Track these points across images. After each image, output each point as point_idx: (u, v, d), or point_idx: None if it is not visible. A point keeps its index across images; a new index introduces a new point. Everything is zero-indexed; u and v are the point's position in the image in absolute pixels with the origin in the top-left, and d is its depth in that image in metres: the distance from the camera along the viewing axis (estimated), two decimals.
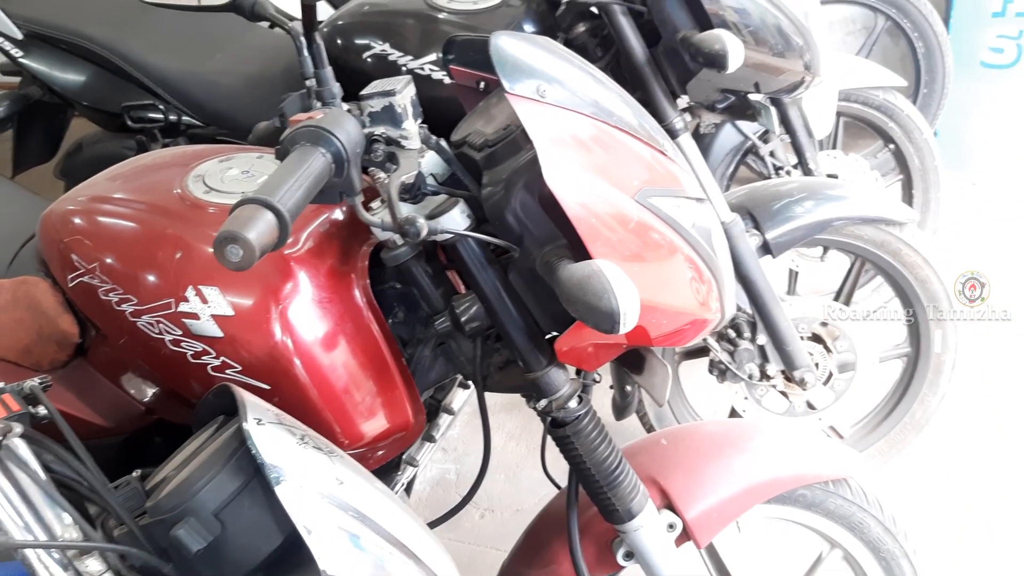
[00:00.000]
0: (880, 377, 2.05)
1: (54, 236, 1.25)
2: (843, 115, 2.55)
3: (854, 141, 3.14)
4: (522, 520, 2.27)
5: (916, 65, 3.03)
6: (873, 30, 3.10)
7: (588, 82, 1.10)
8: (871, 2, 2.97)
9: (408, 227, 0.91)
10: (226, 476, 0.80)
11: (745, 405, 1.99)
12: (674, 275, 1.09)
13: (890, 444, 2.10)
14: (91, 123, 2.39)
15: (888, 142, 2.58)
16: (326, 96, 1.04)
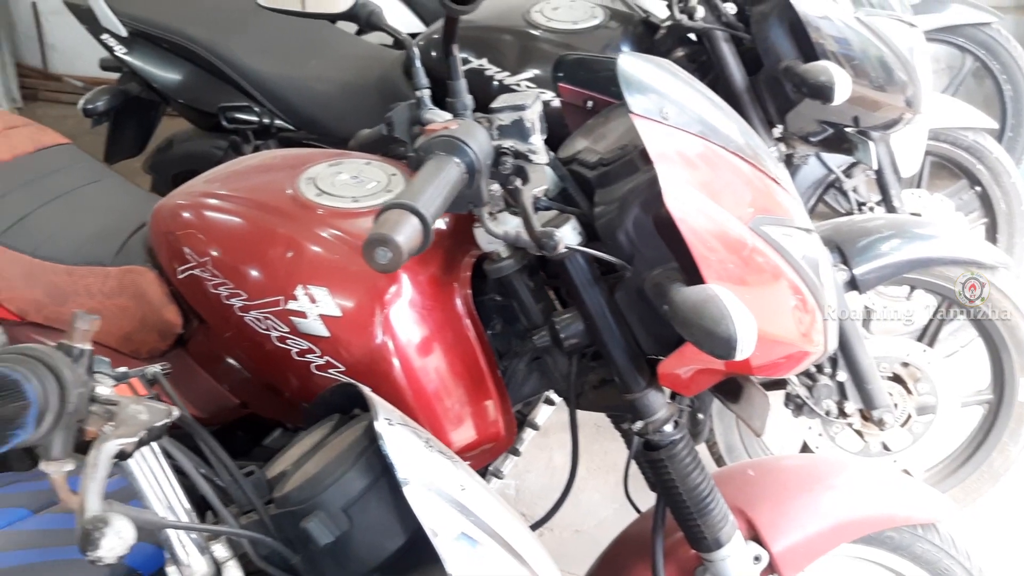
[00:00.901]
0: (960, 422, 2.00)
1: (165, 229, 1.28)
2: (931, 154, 2.52)
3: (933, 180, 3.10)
4: (581, 541, 2.28)
5: (1002, 107, 2.99)
6: (960, 70, 3.06)
7: (708, 107, 1.10)
8: (960, 42, 2.94)
9: (546, 240, 0.92)
10: (356, 473, 0.81)
11: (818, 441, 1.97)
12: (780, 304, 1.08)
13: (965, 492, 2.05)
14: (181, 122, 2.45)
15: (975, 184, 2.54)
16: (458, 108, 1.06)
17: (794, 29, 1.58)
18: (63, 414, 0.62)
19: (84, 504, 0.59)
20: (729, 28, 1.63)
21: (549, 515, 1.31)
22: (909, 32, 1.67)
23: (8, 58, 4.80)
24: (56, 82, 4.91)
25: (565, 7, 1.86)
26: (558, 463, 2.51)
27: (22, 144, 1.59)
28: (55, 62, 4.94)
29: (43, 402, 0.60)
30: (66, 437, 0.64)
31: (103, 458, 0.62)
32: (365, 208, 1.20)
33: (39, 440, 0.62)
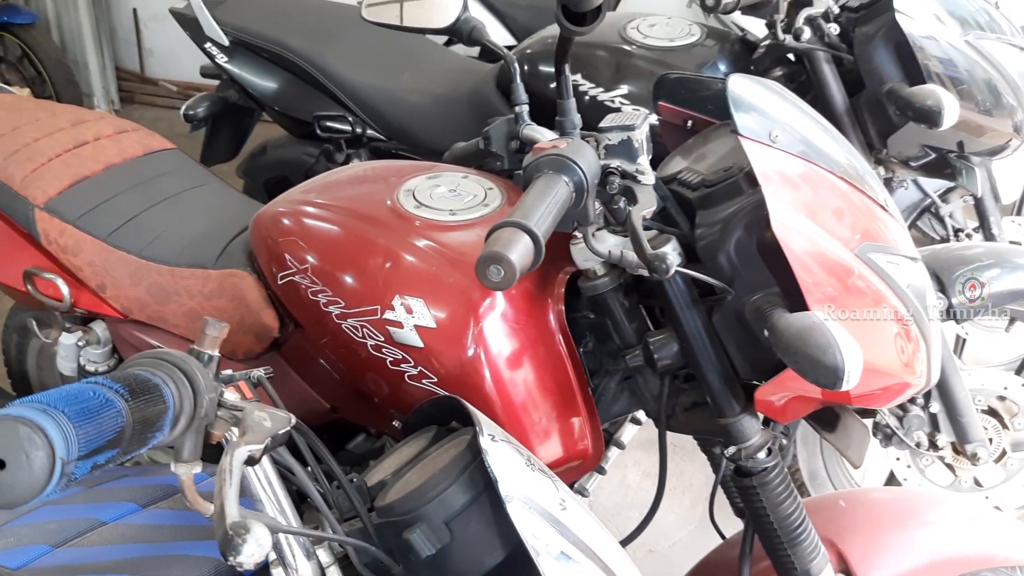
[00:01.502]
0: None
1: (266, 235, 1.31)
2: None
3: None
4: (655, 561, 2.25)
5: None
6: None
7: (817, 131, 1.09)
8: None
9: (658, 263, 0.92)
10: (459, 487, 0.81)
11: (907, 473, 1.91)
12: (884, 334, 1.05)
13: None
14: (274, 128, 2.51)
15: None
16: (567, 126, 1.06)
17: (899, 50, 1.54)
18: (195, 418, 0.64)
19: (224, 510, 0.60)
20: (831, 49, 1.60)
21: (634, 535, 1.30)
22: (1020, 56, 1.61)
23: (108, 62, 5.00)
24: (152, 86, 5.09)
25: (661, 24, 1.86)
26: (631, 481, 2.49)
27: (132, 148, 1.65)
28: (151, 66, 5.12)
29: (178, 406, 0.62)
30: (196, 440, 0.65)
31: (236, 464, 0.63)
32: (462, 221, 1.22)
33: (172, 442, 0.64)
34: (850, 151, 1.13)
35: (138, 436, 0.58)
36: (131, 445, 0.57)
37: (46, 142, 1.58)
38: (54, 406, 0.53)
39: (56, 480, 0.51)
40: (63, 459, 0.52)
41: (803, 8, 1.51)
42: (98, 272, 1.47)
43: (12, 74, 4.23)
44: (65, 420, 0.53)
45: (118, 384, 0.58)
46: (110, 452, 0.55)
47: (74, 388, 0.57)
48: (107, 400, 0.56)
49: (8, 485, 0.51)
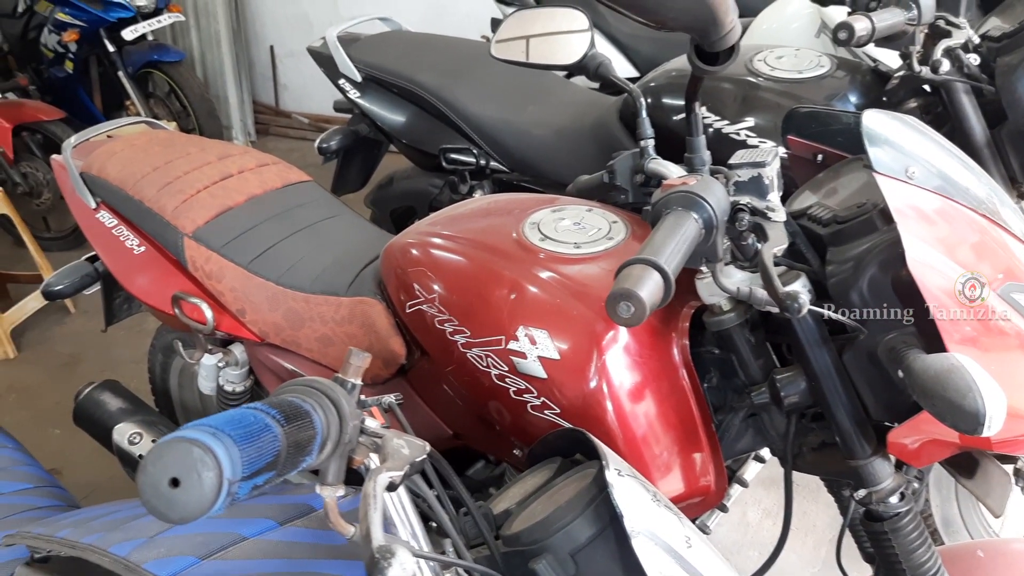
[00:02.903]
0: None
1: (396, 265, 1.36)
2: None
3: None
4: None
5: None
6: None
7: (956, 166, 1.05)
8: None
9: (791, 303, 0.91)
10: (585, 520, 0.82)
11: None
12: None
13: None
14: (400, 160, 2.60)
15: None
16: (696, 163, 1.06)
17: None
18: (340, 443, 0.68)
19: (370, 534, 0.63)
20: (971, 80, 1.55)
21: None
22: None
23: (247, 96, 5.27)
24: (286, 118, 5.35)
25: (789, 56, 1.83)
26: (752, 519, 2.43)
27: (272, 180, 1.74)
28: (286, 100, 5.38)
29: (326, 431, 0.66)
30: (340, 464, 0.69)
31: (379, 489, 0.66)
32: (586, 254, 1.23)
33: (319, 465, 0.67)
34: (992, 187, 1.09)
35: (291, 460, 0.61)
36: (285, 468, 0.61)
37: (195, 175, 1.68)
38: (222, 430, 0.57)
39: (223, 499, 0.55)
40: (229, 479, 0.56)
41: (941, 39, 1.47)
42: (239, 297, 1.56)
43: (160, 108, 4.51)
44: (231, 443, 0.57)
45: (275, 410, 0.62)
46: (268, 474, 0.59)
47: (237, 413, 0.61)
48: (266, 425, 0.60)
49: (182, 502, 0.56)
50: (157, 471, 0.56)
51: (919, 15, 1.43)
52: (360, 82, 2.36)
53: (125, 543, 0.84)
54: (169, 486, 0.56)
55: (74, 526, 0.93)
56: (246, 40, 5.27)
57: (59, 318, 3.39)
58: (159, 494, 0.56)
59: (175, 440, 0.57)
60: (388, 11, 4.18)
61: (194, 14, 5.00)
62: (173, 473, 0.56)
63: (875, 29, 1.38)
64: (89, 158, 1.77)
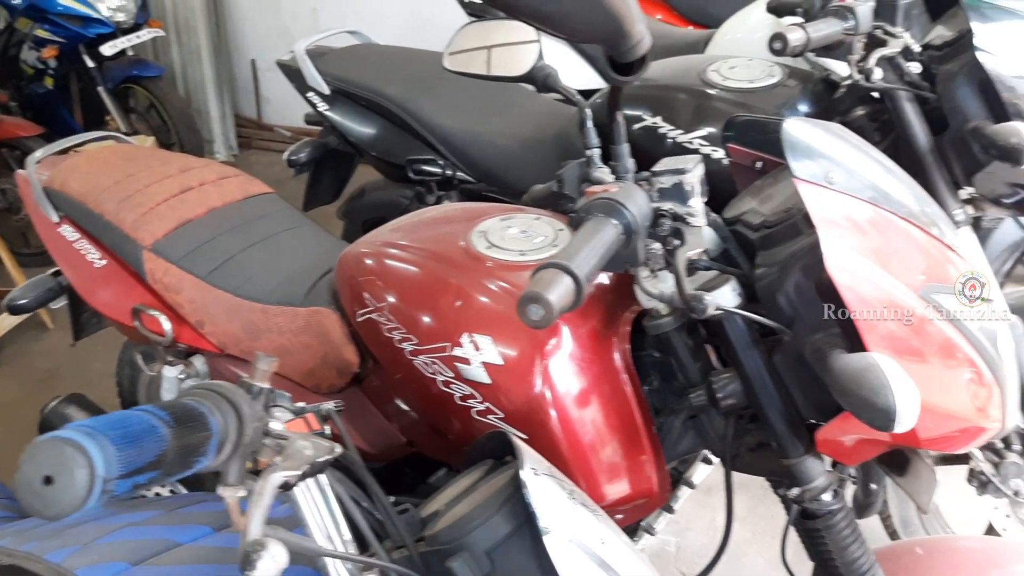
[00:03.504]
0: None
1: (349, 274, 1.38)
2: None
3: None
4: None
5: None
6: None
7: (878, 171, 1.08)
8: None
9: (695, 303, 0.94)
10: (501, 519, 0.85)
11: (1006, 523, 1.83)
12: (952, 376, 1.04)
13: None
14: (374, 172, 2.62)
15: None
16: (620, 171, 1.09)
17: (983, 89, 1.51)
18: (240, 445, 0.70)
19: (247, 528, 0.66)
20: (913, 88, 1.58)
21: None
22: None
23: (228, 110, 5.30)
24: (268, 131, 5.37)
25: (742, 66, 1.86)
26: (720, 524, 2.44)
27: (233, 192, 1.76)
28: (268, 113, 5.41)
29: (223, 433, 0.68)
30: (241, 466, 0.71)
31: (268, 487, 0.69)
32: (531, 261, 1.25)
33: (218, 467, 0.70)
34: (918, 193, 1.12)
35: (180, 460, 0.64)
36: (173, 468, 0.64)
37: (156, 188, 1.71)
38: (100, 430, 0.60)
39: (96, 496, 0.58)
40: (103, 477, 0.59)
41: (878, 48, 1.50)
42: (198, 309, 1.58)
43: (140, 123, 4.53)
44: (107, 442, 0.59)
45: (164, 412, 0.65)
46: (151, 473, 0.62)
47: (123, 414, 0.64)
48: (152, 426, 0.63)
49: (55, 498, 0.59)
50: (31, 469, 0.59)
51: (856, 25, 1.46)
52: (328, 95, 2.39)
53: (60, 550, 0.87)
54: (42, 484, 0.59)
55: (16, 535, 0.96)
56: (227, 54, 5.30)
57: (36, 334, 3.41)
58: (33, 491, 0.59)
59: (49, 439, 0.60)
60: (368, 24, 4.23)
61: (175, 29, 5.03)
62: (46, 471, 0.59)
63: (810, 39, 1.42)
64: (52, 172, 1.79)
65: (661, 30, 2.90)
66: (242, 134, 5.44)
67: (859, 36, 1.49)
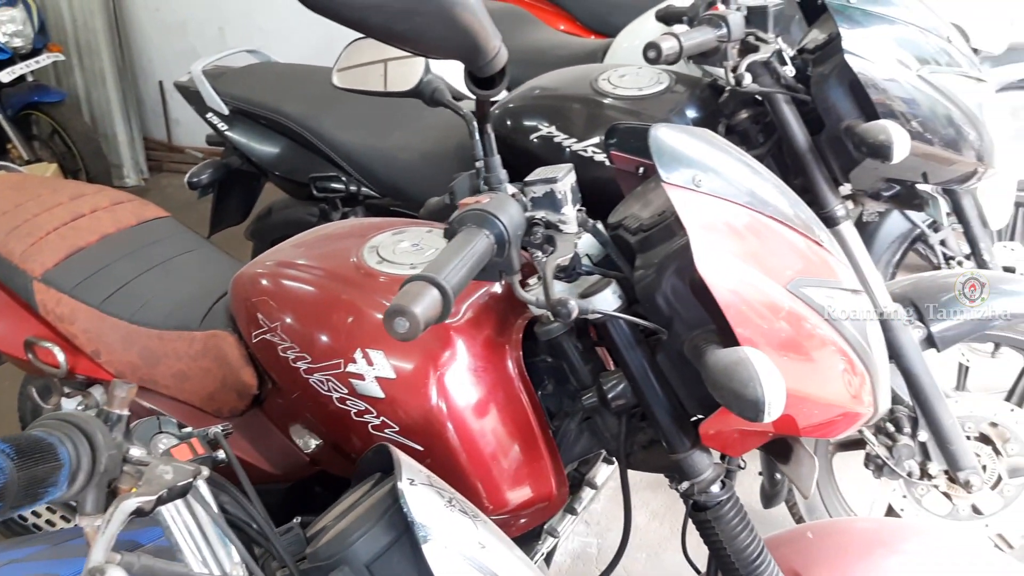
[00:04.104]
0: None
1: (243, 296, 1.38)
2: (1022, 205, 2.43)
3: None
4: None
5: None
6: None
7: (744, 172, 1.13)
8: None
9: (560, 308, 0.96)
10: (379, 530, 0.86)
11: (903, 504, 1.90)
12: (825, 366, 1.08)
13: None
14: (280, 191, 2.61)
15: None
16: (493, 181, 1.11)
17: (853, 89, 1.58)
18: (95, 474, 0.70)
19: (89, 555, 0.66)
20: (789, 90, 1.64)
21: None
22: (977, 87, 1.64)
23: (137, 133, 5.20)
24: (179, 154, 5.27)
25: (632, 74, 1.91)
26: (640, 523, 2.49)
27: (126, 218, 1.74)
28: (178, 135, 5.31)
29: (75, 463, 0.68)
30: (98, 495, 0.71)
31: (118, 514, 0.69)
32: None
33: (73, 497, 0.69)
34: (786, 192, 1.17)
35: (26, 492, 0.63)
36: (18, 500, 0.63)
37: (46, 217, 1.67)
38: None
39: None
40: None
41: (750, 54, 1.56)
42: (92, 339, 1.55)
43: (44, 150, 4.42)
44: None
45: (6, 444, 0.65)
46: None
47: None
48: None
49: None
50: None
51: (728, 32, 1.52)
52: (228, 115, 2.37)
53: None
54: None
55: None
56: (133, 77, 5.20)
57: None
58: None
59: None
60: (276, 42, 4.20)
61: (77, 52, 4.92)
62: None
63: (683, 48, 1.47)
64: None
65: (562, 41, 2.95)
66: (152, 157, 5.33)
67: (732, 43, 1.54)
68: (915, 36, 1.64)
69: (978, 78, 1.64)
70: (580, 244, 1.15)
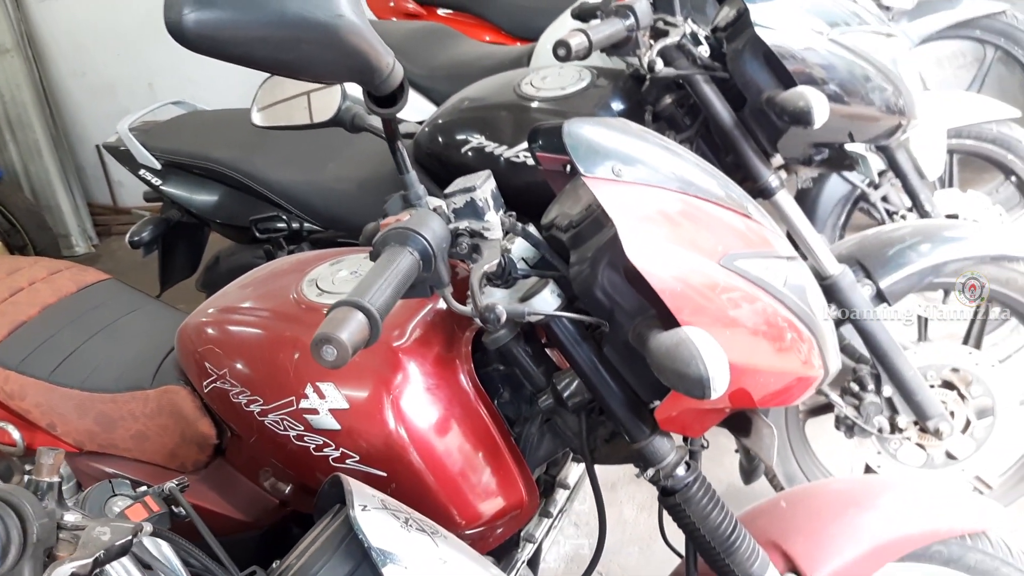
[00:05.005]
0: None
1: (189, 347, 1.36)
2: (957, 152, 2.48)
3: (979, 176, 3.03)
4: None
5: None
6: (983, 62, 3.01)
7: (664, 156, 1.13)
8: (977, 34, 2.89)
9: (488, 314, 0.96)
10: (337, 561, 0.85)
11: (879, 460, 1.92)
12: (770, 335, 1.09)
13: None
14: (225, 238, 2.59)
15: (1009, 174, 2.48)
16: (412, 198, 1.11)
17: (769, 60, 1.60)
18: (27, 545, 0.68)
19: None
20: (707, 70, 1.66)
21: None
22: (888, 43, 1.67)
23: (80, 200, 5.13)
24: (126, 215, 5.21)
25: (553, 75, 1.92)
26: (628, 516, 2.49)
27: (65, 286, 1.71)
28: (123, 197, 5.25)
29: (3, 537, 0.67)
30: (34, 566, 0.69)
31: None
32: None
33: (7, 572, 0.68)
34: (707, 169, 1.17)
35: None
36: None
37: None
38: None
39: None
40: None
41: (660, 39, 1.57)
42: (45, 412, 1.52)
43: None
44: None
45: None
46: None
47: None
48: None
49: None
50: None
51: (636, 21, 1.53)
52: (160, 169, 2.35)
53: None
54: None
55: None
56: (69, 145, 5.13)
57: None
58: None
59: None
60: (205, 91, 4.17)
61: (8, 128, 4.85)
62: None
63: (592, 42, 1.48)
64: None
65: (488, 51, 2.96)
66: (99, 222, 5.27)
67: (641, 31, 1.56)
68: (822, 1, 1.66)
69: (888, 34, 1.67)
70: (514, 249, 1.15)
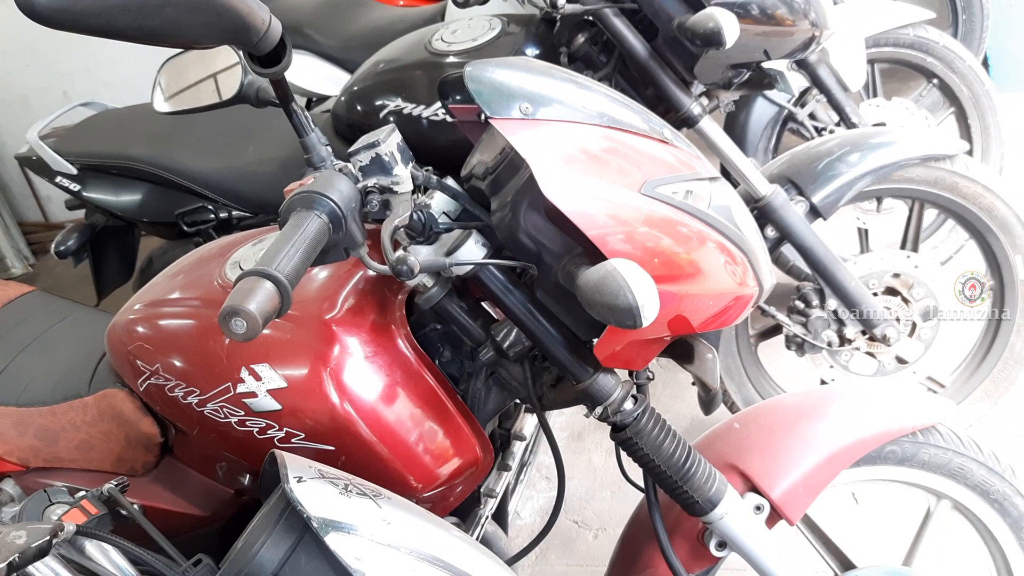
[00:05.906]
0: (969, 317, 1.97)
1: (120, 347, 1.32)
2: (877, 61, 2.49)
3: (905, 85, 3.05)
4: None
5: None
6: None
7: (572, 90, 1.11)
8: None
9: (400, 267, 0.94)
10: (278, 536, 0.83)
11: (832, 374, 1.94)
12: (700, 258, 1.07)
13: (995, 383, 2.00)
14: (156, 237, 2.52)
15: (931, 77, 2.50)
16: (315, 161, 1.08)
17: None
18: None
19: None
20: (615, 3, 1.63)
21: (542, 534, 1.34)
22: None
23: (10, 220, 4.99)
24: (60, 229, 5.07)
25: (463, 28, 1.89)
26: (597, 463, 2.51)
27: None
28: (53, 212, 5.12)
29: None
30: None
31: None
32: None
33: None
34: (618, 99, 1.15)
35: None
36: None
37: None
38: None
39: None
40: None
41: None
42: None
43: None
44: None
45: None
46: None
47: None
48: None
49: None
50: None
51: None
52: (77, 174, 2.28)
53: None
54: None
55: None
56: None
57: None
58: None
59: None
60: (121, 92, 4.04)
61: None
62: None
63: None
64: None
65: (401, 14, 2.90)
66: (33, 240, 5.13)
67: None
68: None
69: None
70: (434, 203, 1.12)
